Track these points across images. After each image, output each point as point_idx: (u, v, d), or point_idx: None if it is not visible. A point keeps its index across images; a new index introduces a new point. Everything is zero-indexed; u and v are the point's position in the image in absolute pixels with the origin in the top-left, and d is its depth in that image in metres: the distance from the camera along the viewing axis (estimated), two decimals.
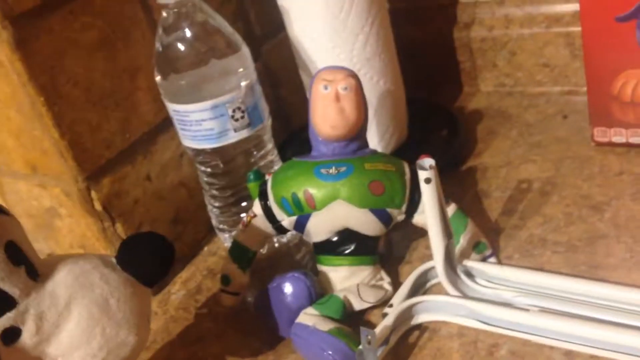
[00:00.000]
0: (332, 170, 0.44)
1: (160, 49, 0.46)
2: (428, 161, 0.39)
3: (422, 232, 0.45)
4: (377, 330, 0.39)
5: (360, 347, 0.38)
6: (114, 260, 0.36)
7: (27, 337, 0.31)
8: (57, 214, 0.50)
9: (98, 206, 0.48)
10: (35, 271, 0.32)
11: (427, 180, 0.39)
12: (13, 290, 0.30)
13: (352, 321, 0.42)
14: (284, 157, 0.53)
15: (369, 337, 0.37)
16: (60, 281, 0.32)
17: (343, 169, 0.44)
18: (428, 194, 0.39)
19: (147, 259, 0.36)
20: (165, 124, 0.51)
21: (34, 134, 0.45)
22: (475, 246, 0.45)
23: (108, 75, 0.47)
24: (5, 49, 0.41)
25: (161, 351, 0.47)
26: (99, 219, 0.48)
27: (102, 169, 0.47)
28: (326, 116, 0.43)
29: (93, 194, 0.47)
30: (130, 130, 0.49)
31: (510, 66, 0.64)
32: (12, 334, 0.31)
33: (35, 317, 0.31)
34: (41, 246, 0.54)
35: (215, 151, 0.49)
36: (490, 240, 0.46)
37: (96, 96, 0.46)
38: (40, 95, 0.42)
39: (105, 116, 0.47)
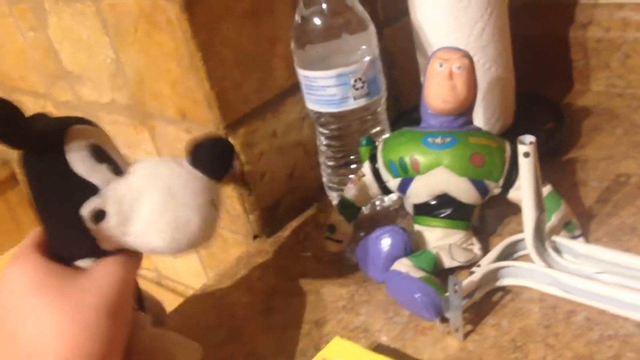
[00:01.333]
0: (438, 140, 0.49)
1: (300, 21, 0.53)
2: (529, 137, 0.43)
3: (515, 210, 0.49)
4: (464, 282, 0.43)
5: (447, 293, 0.42)
6: (184, 160, 0.40)
7: (111, 217, 0.36)
8: None
9: None
10: (118, 168, 0.37)
11: (526, 154, 0.42)
12: (96, 181, 0.36)
13: (441, 277, 0.47)
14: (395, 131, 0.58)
15: (456, 285, 0.41)
16: (135, 173, 0.37)
17: (448, 139, 0.48)
18: (525, 167, 0.43)
19: (211, 157, 0.40)
20: (294, 88, 0.58)
21: (189, 84, 0.53)
22: (565, 225, 0.48)
23: (253, 40, 0.55)
24: (176, 8, 0.49)
25: (269, 281, 0.54)
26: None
27: (239, 121, 0.55)
28: (439, 91, 0.48)
29: (230, 141, 0.55)
30: (265, 90, 0.57)
31: (624, 68, 0.66)
32: (100, 214, 0.36)
33: (115, 201, 0.36)
34: None
35: (335, 116, 0.55)
36: (581, 223, 0.49)
37: (242, 58, 0.54)
38: (199, 51, 0.51)
39: (247, 76, 0.55)
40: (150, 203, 0.36)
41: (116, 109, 0.64)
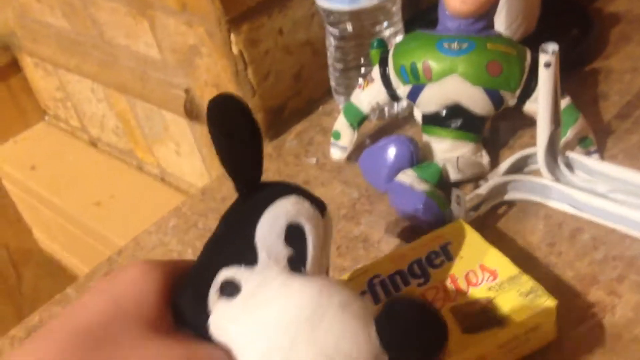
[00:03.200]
0: (454, 46, 0.45)
1: None
2: (552, 45, 0.40)
3: (529, 123, 0.47)
4: (469, 196, 0.42)
5: (451, 204, 0.41)
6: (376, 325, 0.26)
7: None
8: (198, 52, 0.56)
9: (235, 50, 0.52)
10: (301, 265, 0.27)
11: (547, 64, 0.40)
12: (263, 258, 0.26)
13: (446, 190, 0.45)
14: (409, 33, 0.55)
15: (459, 197, 0.40)
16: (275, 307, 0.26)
17: (465, 45, 0.45)
18: (544, 78, 0.40)
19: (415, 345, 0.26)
20: None
21: None
22: (581, 140, 0.46)
23: None
24: None
25: None
26: (234, 62, 0.53)
27: (243, 15, 0.52)
28: None
29: (232, 37, 0.52)
30: None
31: None
32: (229, 289, 0.26)
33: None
34: (180, 81, 0.61)
35: (346, 14, 0.51)
36: (598, 139, 0.47)
37: None
38: None
39: None
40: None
41: None
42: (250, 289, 0.26)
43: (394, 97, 0.49)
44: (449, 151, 0.48)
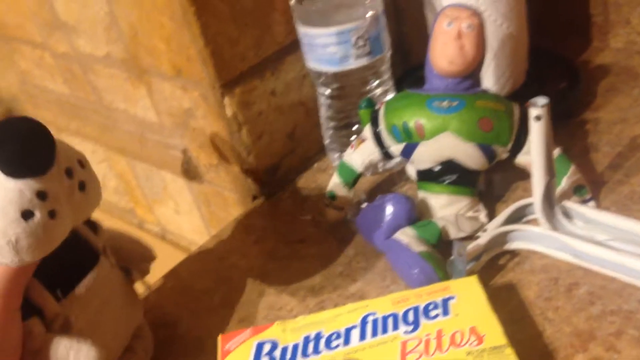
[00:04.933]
0: (445, 104, 0.46)
1: None
2: (542, 99, 0.40)
3: (522, 176, 0.47)
4: (470, 247, 0.42)
5: (452, 257, 0.41)
6: None
7: None
8: (193, 115, 0.57)
9: (229, 112, 0.54)
10: None
11: (538, 118, 0.40)
12: None
13: (445, 247, 0.45)
14: (399, 91, 0.56)
15: (460, 249, 0.40)
16: None
17: (455, 103, 0.46)
18: (536, 130, 0.40)
19: (9, 150, 0.30)
20: (294, 45, 0.55)
21: (182, 40, 0.51)
22: (576, 190, 0.46)
23: None
24: None
25: (267, 244, 0.53)
26: (229, 124, 0.54)
27: (236, 80, 0.53)
28: (445, 52, 0.46)
29: (226, 100, 0.53)
30: (263, 47, 0.54)
31: None
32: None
33: None
34: (177, 142, 0.62)
35: (336, 75, 0.53)
36: (590, 190, 0.47)
37: (238, 13, 0.51)
38: (192, 5, 0.48)
39: (244, 32, 0.52)
40: None
41: (112, 63, 0.62)
42: None
43: (387, 155, 0.50)
44: (446, 207, 0.48)
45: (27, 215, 0.31)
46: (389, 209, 0.47)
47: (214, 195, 0.65)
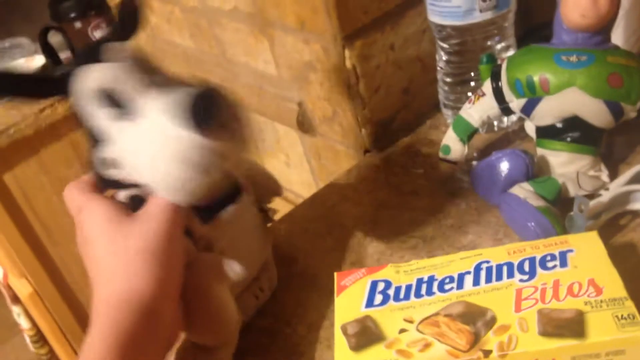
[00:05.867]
0: (573, 58, 0.45)
1: None
2: None
3: None
4: (592, 203, 0.41)
5: (572, 213, 0.41)
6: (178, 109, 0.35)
7: (119, 166, 0.37)
8: (312, 68, 0.59)
9: (349, 65, 0.55)
10: (128, 110, 0.35)
11: None
12: (102, 128, 0.36)
13: (562, 207, 0.44)
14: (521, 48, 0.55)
15: (582, 204, 0.40)
16: (135, 124, 0.35)
17: (584, 57, 0.45)
18: None
19: (192, 109, 0.34)
20: None
21: None
22: None
23: None
24: None
25: (379, 195, 0.55)
26: (347, 76, 0.56)
27: (357, 32, 0.54)
28: (579, 4, 0.44)
29: (346, 52, 0.54)
30: (385, 0, 0.55)
31: None
32: (106, 162, 0.37)
33: (118, 153, 0.36)
34: (293, 95, 0.64)
35: (458, 29, 0.52)
36: None
37: None
38: None
39: None
40: (144, 167, 0.35)
41: (238, 17, 0.65)
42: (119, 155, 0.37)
43: (505, 111, 0.49)
44: (566, 165, 0.47)
45: (204, 166, 0.35)
46: (506, 163, 0.47)
47: (326, 149, 0.67)
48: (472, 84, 0.55)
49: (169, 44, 0.82)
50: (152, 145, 0.35)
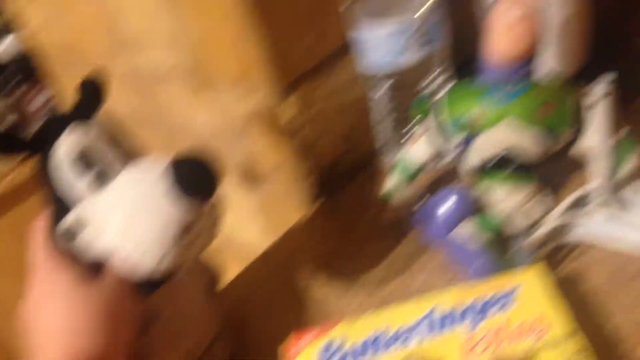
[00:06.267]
0: (505, 92, 0.45)
1: None
2: (607, 77, 0.39)
3: (580, 166, 0.46)
4: (532, 237, 0.41)
5: (515, 248, 0.40)
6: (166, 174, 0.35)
7: (84, 234, 0.36)
8: (254, 121, 0.58)
9: (290, 113, 0.55)
10: (106, 175, 0.36)
11: (604, 96, 0.39)
12: (77, 194, 0.35)
13: (505, 240, 0.44)
14: (457, 82, 0.55)
15: (523, 239, 0.40)
16: (110, 191, 0.35)
17: (515, 90, 0.45)
18: (601, 110, 0.39)
19: (191, 178, 0.35)
20: (349, 46, 0.56)
21: (246, 46, 0.52)
22: None
23: None
24: None
25: (330, 244, 0.54)
26: (289, 126, 0.55)
27: (296, 82, 0.54)
28: (501, 39, 0.45)
29: (287, 102, 0.54)
30: (322, 47, 0.55)
31: None
32: (71, 234, 0.36)
33: (88, 219, 0.35)
34: (238, 148, 0.64)
35: (392, 72, 0.53)
36: None
37: (298, 15, 0.52)
38: (255, 9, 0.49)
39: (304, 34, 0.53)
40: (115, 229, 0.35)
41: (177, 74, 0.64)
42: (88, 222, 0.36)
43: (445, 148, 0.50)
44: (506, 197, 0.47)
45: (180, 236, 0.35)
46: (448, 203, 0.47)
47: (275, 200, 0.66)
48: (411, 124, 0.55)
49: (109, 105, 0.80)
50: (130, 210, 0.34)
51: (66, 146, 0.35)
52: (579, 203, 0.46)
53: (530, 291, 0.37)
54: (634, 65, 0.56)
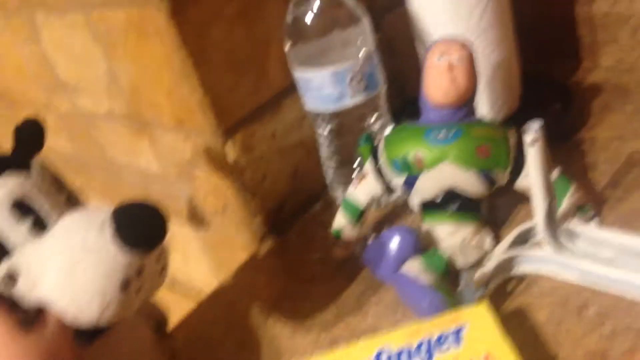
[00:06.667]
0: (442, 135, 0.47)
1: (291, 19, 0.51)
2: (536, 123, 0.41)
3: (524, 198, 0.48)
4: (477, 275, 0.42)
5: (460, 287, 0.41)
6: (109, 223, 0.34)
7: (20, 283, 0.34)
8: (196, 164, 0.58)
9: (231, 157, 0.55)
10: (42, 222, 0.35)
11: (533, 142, 0.41)
12: (12, 241, 0.34)
13: (453, 279, 0.45)
14: (397, 124, 0.57)
15: (468, 277, 0.40)
16: (49, 239, 0.35)
17: (452, 133, 0.47)
18: (533, 154, 0.41)
19: (135, 228, 0.34)
20: (291, 88, 0.57)
21: (183, 92, 0.52)
22: (579, 209, 0.47)
23: (245, 43, 0.54)
24: (163, 17, 0.48)
25: (277, 285, 0.53)
26: (231, 169, 0.55)
27: (236, 126, 0.54)
28: (438, 84, 0.47)
29: (227, 146, 0.54)
30: (261, 92, 0.56)
31: (633, 41, 0.63)
32: (9, 281, 0.35)
33: (25, 267, 0.34)
34: (181, 191, 0.63)
35: (333, 114, 0.54)
36: (593, 208, 0.47)
37: (235, 61, 0.53)
38: (190, 57, 0.50)
39: (241, 79, 0.54)
40: (54, 278, 0.34)
41: (114, 119, 0.63)
42: (24, 271, 0.35)
43: (389, 187, 0.51)
44: (451, 234, 0.48)
45: (125, 285, 0.34)
46: (394, 243, 0.47)
47: (222, 240, 0.65)
48: (356, 164, 0.56)
49: (47, 148, 0.78)
50: (70, 259, 0.33)
51: (1, 194, 0.34)
52: (524, 237, 0.47)
53: (476, 329, 0.38)
54: (565, 105, 0.59)
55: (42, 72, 0.68)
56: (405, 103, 0.67)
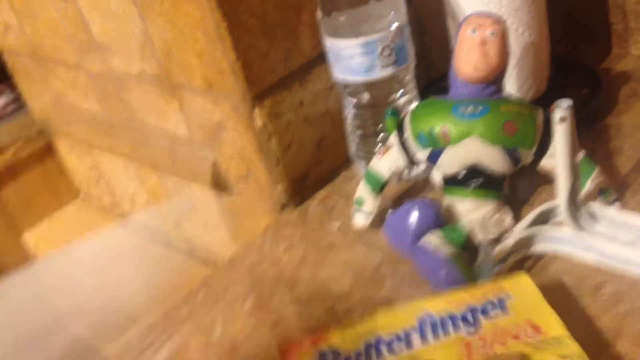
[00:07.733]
0: (470, 109, 0.47)
1: None
2: (566, 101, 0.41)
3: (547, 179, 0.48)
4: (496, 249, 0.43)
5: (478, 261, 0.42)
6: None
7: None
8: (224, 128, 0.59)
9: (259, 123, 0.55)
10: None
11: (562, 119, 0.41)
12: None
13: (471, 252, 0.45)
14: (424, 99, 0.57)
15: (487, 251, 0.41)
16: None
17: (480, 108, 0.47)
18: (561, 132, 0.42)
19: None
20: (321, 57, 0.57)
21: (215, 55, 0.53)
22: (601, 192, 0.47)
23: (278, 9, 0.54)
24: None
25: (295, 253, 0.54)
26: (258, 135, 0.56)
27: (265, 92, 0.55)
28: (470, 58, 0.47)
29: (256, 111, 0.55)
30: (292, 59, 0.56)
31: None
32: None
33: None
34: (207, 155, 0.64)
35: (362, 85, 0.54)
36: (615, 192, 0.47)
37: (267, 27, 0.53)
38: (224, 20, 0.50)
39: (273, 45, 0.54)
40: None
41: (146, 80, 0.64)
42: None
43: (412, 161, 0.51)
44: (472, 211, 0.49)
45: None
46: (415, 214, 0.48)
47: (243, 207, 0.66)
48: (381, 136, 0.57)
49: (75, 108, 0.79)
50: None
51: None
52: (545, 217, 0.48)
53: (520, 299, 0.39)
54: (593, 90, 0.59)
55: (76, 30, 0.69)
56: (431, 81, 0.67)
